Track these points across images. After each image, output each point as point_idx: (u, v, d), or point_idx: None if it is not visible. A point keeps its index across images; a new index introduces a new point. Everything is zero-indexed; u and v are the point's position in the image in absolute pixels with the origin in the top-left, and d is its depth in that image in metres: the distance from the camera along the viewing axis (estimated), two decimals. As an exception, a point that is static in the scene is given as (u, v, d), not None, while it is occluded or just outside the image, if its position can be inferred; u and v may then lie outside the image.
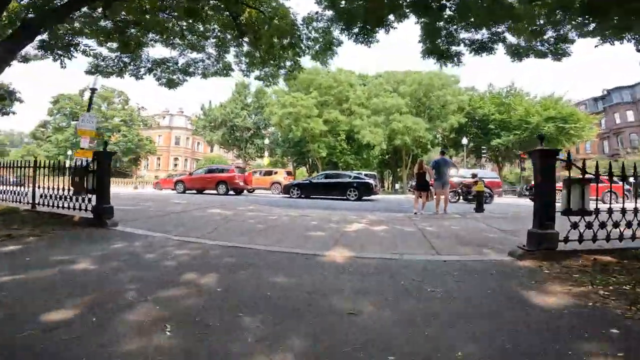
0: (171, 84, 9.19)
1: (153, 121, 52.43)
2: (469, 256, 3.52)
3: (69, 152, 35.14)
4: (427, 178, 8.47)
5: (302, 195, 14.82)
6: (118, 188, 24.34)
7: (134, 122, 44.66)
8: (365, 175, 17.34)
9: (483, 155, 25.69)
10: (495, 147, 27.65)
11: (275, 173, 20.02)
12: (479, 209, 8.40)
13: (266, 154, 26.73)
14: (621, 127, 39.27)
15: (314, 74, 30.40)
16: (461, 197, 12.99)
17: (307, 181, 15.67)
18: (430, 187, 8.49)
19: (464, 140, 25.95)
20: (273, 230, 4.99)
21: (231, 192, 16.59)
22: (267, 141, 28.66)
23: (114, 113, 43.23)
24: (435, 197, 8.29)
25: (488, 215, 7.65)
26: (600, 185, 18.09)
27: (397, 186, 35.66)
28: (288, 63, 8.82)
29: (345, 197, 14.02)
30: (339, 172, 16.54)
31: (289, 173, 20.95)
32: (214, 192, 16.01)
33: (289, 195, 15.21)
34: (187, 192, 16.42)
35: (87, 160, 7.19)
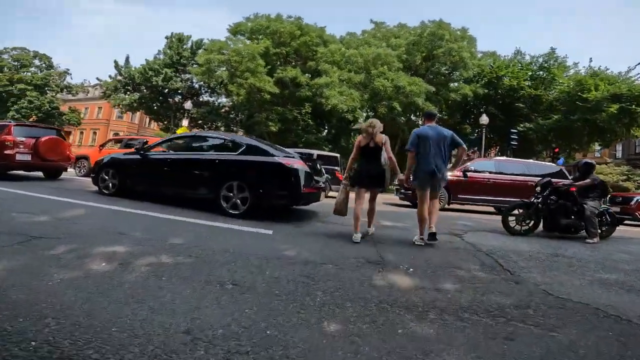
0: None
1: (82, 89, 42.32)
2: None
3: None
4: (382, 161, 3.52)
5: (124, 189, 5.82)
6: None
7: (48, 87, 35.17)
8: (302, 155, 7.79)
9: (512, 144, 16.98)
10: (521, 133, 19.01)
11: (146, 143, 10.38)
12: None
13: (185, 122, 17.48)
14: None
15: (271, 20, 21.06)
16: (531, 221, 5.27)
17: (138, 156, 5.97)
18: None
19: (484, 118, 17.10)
20: None
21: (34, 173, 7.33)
22: (188, 105, 19.22)
23: (26, 77, 33.63)
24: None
25: None
26: None
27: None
28: None
29: (220, 205, 5.02)
30: (215, 134, 6.32)
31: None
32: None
33: (97, 189, 6.08)
34: None
35: None
